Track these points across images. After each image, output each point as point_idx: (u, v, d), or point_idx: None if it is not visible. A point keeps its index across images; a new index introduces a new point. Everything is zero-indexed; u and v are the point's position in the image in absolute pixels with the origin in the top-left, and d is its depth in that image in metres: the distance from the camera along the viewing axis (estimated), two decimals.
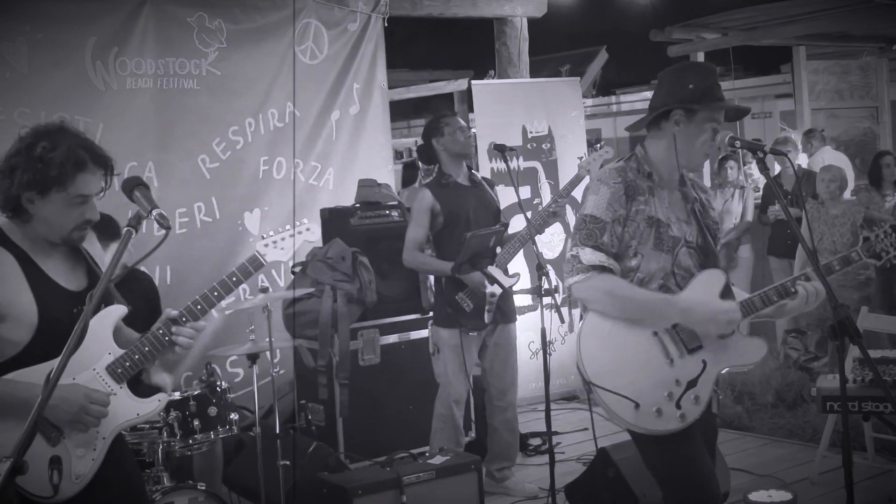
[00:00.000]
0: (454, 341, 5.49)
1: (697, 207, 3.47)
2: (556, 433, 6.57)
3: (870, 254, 3.49)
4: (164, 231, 2.82)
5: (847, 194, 7.68)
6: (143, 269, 5.71)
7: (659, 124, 3.38)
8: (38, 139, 2.87)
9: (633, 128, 3.50)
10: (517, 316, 5.82)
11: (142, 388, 3.09)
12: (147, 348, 2.94)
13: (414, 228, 5.59)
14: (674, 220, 3.38)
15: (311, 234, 3.24)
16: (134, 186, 2.85)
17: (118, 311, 2.99)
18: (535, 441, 6.63)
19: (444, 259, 5.51)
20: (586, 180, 5.45)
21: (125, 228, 2.76)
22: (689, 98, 3.30)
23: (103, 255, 3.13)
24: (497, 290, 5.44)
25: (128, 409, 2.95)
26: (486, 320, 5.48)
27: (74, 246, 3.01)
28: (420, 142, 5.88)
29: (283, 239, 3.19)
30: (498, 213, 5.73)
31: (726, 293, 3.36)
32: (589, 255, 3.26)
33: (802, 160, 9.56)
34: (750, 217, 9.03)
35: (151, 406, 3.01)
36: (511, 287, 5.52)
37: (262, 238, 3.18)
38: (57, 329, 2.79)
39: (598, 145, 5.86)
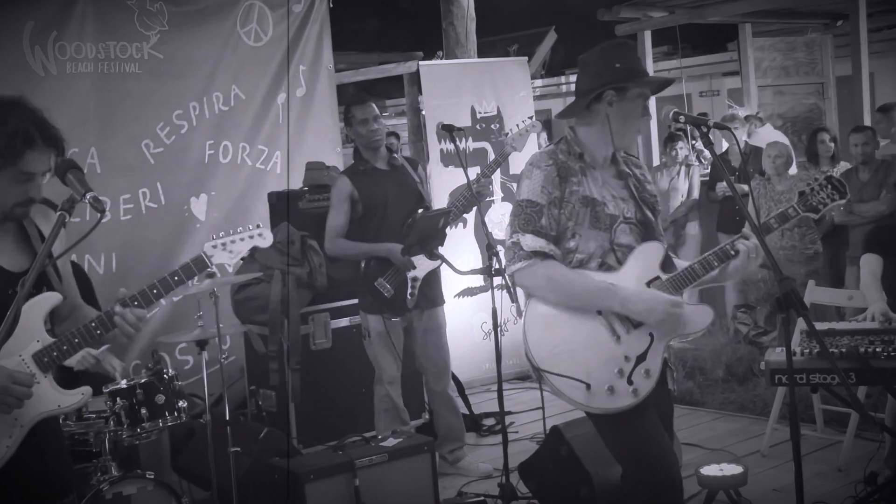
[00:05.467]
0: (380, 327, 5.48)
1: (633, 183, 3.48)
2: (510, 413, 6.59)
3: (806, 207, 3.50)
4: (98, 215, 2.74)
5: (793, 170, 7.74)
6: (75, 258, 5.62)
7: (590, 107, 3.39)
8: None
9: (564, 115, 3.50)
10: (470, 296, 5.80)
11: (67, 377, 3.02)
12: (77, 340, 2.87)
13: (334, 216, 5.51)
14: (609, 199, 3.39)
15: (263, 239, 3.15)
16: (67, 169, 2.77)
17: (52, 298, 2.91)
18: (489, 421, 6.64)
19: None
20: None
21: (58, 212, 2.69)
22: (619, 77, 3.33)
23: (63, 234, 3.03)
24: (419, 274, 5.42)
25: (50, 399, 2.88)
26: (409, 305, 5.46)
27: (17, 222, 2.92)
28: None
29: (233, 242, 3.11)
30: (420, 195, 5.63)
31: (667, 264, 3.38)
32: (530, 241, 3.26)
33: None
34: (696, 194, 9.07)
35: (74, 399, 2.94)
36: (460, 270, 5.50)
37: (212, 238, 3.10)
38: None
39: (524, 120, 5.82)
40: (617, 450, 3.38)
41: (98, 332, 2.88)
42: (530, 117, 5.88)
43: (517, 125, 5.79)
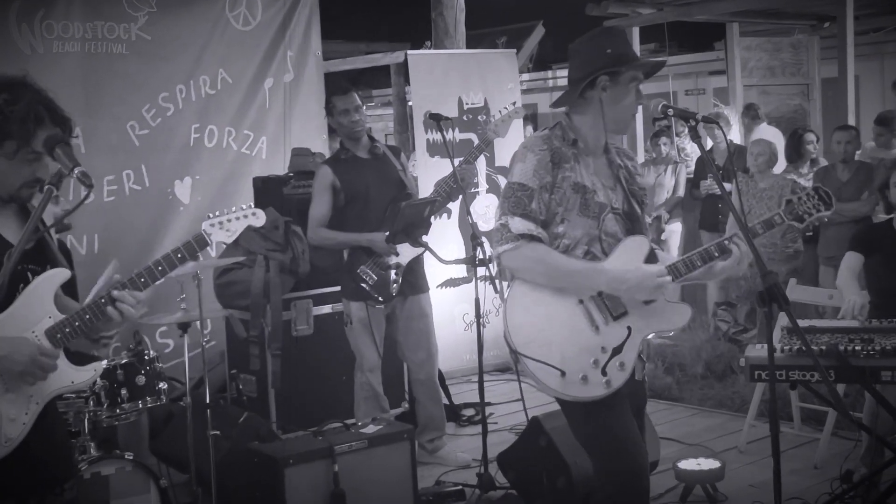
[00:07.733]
0: (361, 314, 5.46)
1: (623, 174, 3.49)
2: (490, 404, 6.59)
3: (792, 216, 3.52)
4: (86, 190, 2.73)
5: (778, 168, 7.77)
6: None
7: (583, 94, 3.39)
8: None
9: (558, 104, 3.51)
10: (453, 287, 5.79)
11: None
12: (88, 316, 2.86)
13: (316, 206, 5.50)
14: (599, 187, 3.40)
15: (256, 219, 3.15)
16: (55, 144, 2.77)
17: (63, 274, 2.90)
18: (469, 412, 6.65)
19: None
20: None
21: (46, 186, 2.69)
22: (611, 62, 3.33)
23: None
24: (402, 261, 5.42)
25: (63, 375, 2.87)
26: (393, 293, 5.46)
27: (23, 204, 2.92)
28: None
29: (229, 221, 3.11)
30: (402, 183, 5.62)
31: (651, 258, 3.39)
32: (518, 224, 3.26)
33: (737, 136, 9.64)
34: (681, 192, 9.10)
35: (87, 375, 2.94)
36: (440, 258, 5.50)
37: (209, 217, 3.10)
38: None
39: (506, 106, 5.81)
40: (586, 440, 3.40)
41: (108, 307, 2.87)
42: (513, 103, 5.87)
43: (500, 111, 5.79)
